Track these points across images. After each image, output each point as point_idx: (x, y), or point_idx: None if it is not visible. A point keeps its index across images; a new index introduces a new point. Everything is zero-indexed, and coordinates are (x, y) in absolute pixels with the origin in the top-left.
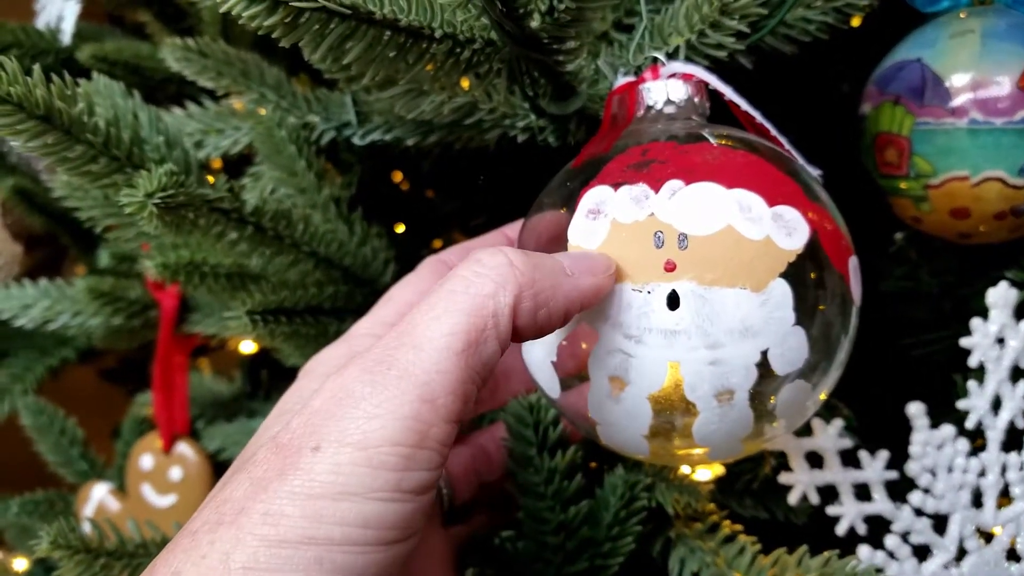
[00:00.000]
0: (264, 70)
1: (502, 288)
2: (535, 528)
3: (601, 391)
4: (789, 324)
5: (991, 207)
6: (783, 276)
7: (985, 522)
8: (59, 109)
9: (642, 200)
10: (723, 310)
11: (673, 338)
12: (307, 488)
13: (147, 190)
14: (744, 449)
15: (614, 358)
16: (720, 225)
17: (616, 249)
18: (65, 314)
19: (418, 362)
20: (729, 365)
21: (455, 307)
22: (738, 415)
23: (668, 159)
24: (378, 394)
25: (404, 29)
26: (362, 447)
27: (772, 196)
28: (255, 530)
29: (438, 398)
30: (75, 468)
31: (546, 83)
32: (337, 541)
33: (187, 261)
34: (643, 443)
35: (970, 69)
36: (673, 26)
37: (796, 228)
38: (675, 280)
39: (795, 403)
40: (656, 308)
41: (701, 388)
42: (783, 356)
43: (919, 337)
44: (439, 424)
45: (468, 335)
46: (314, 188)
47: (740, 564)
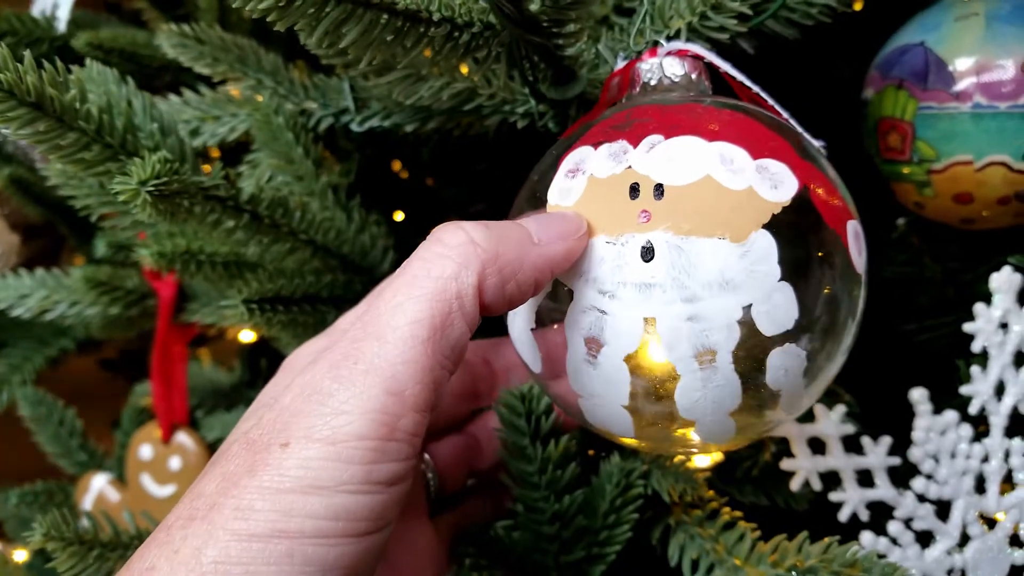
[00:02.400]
0: (261, 56)
1: (464, 268)
2: (530, 518)
3: (578, 355)
4: (774, 279)
5: (995, 192)
6: (767, 229)
7: (988, 508)
8: (51, 96)
9: (620, 155)
10: (700, 261)
11: (648, 291)
12: (276, 483)
13: (140, 178)
14: (736, 429)
15: (588, 316)
16: (699, 175)
17: (592, 204)
18: (62, 304)
19: (383, 354)
20: (708, 321)
21: (417, 293)
22: (723, 380)
23: (652, 118)
24: (345, 390)
25: (401, 12)
26: (330, 442)
27: (758, 150)
28: (226, 525)
29: (405, 389)
30: (74, 459)
31: (546, 68)
32: (308, 534)
33: (183, 249)
34: (625, 416)
35: (974, 53)
36: (674, 8)
37: (783, 181)
38: (650, 231)
39: (788, 373)
40: (630, 260)
41: (679, 347)
42: (769, 314)
43: (922, 323)
44: (408, 415)
45: (432, 321)
46: (312, 175)
47: (740, 551)
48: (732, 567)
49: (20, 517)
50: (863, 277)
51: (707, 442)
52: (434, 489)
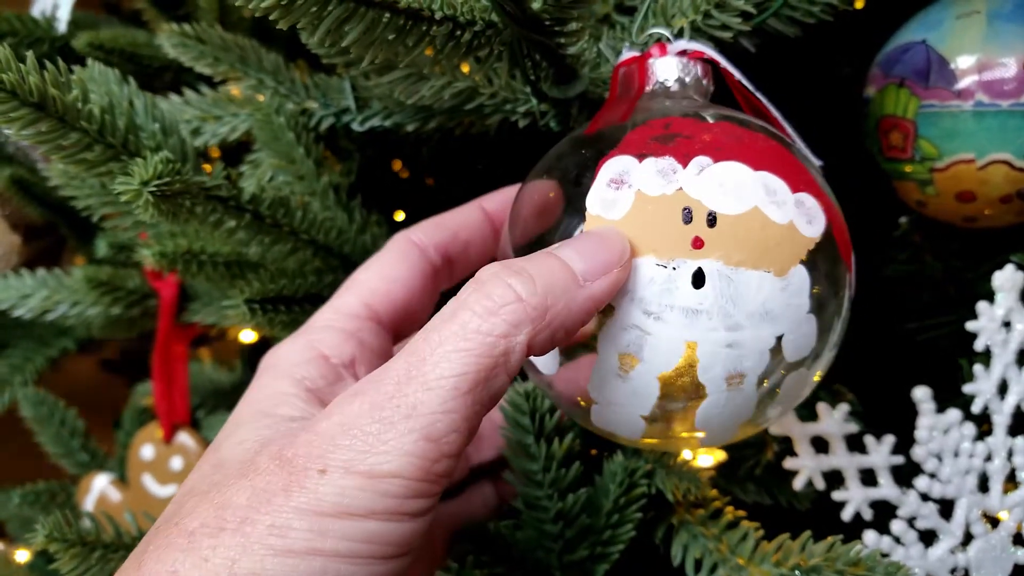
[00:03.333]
0: (262, 56)
1: (514, 327)
2: (533, 516)
3: (609, 368)
4: (804, 311)
5: (997, 190)
6: (804, 264)
7: (991, 507)
8: (53, 96)
9: (669, 174)
10: (747, 292)
11: (695, 317)
12: (313, 506)
13: (143, 178)
14: (737, 434)
15: (629, 334)
16: (748, 206)
17: (641, 222)
18: (63, 304)
19: (426, 401)
20: (745, 348)
21: (464, 346)
22: (744, 400)
23: (693, 134)
24: (386, 431)
25: (403, 11)
26: (368, 476)
27: (794, 182)
28: (262, 540)
29: (443, 436)
30: (76, 459)
31: (548, 67)
32: (342, 554)
33: (185, 250)
34: (639, 424)
35: (976, 51)
36: (677, 6)
37: (816, 216)
38: (702, 258)
39: (795, 389)
40: (680, 285)
41: (714, 370)
42: (795, 343)
43: (924, 321)
44: (442, 460)
45: (477, 376)
46: (313, 175)
47: (743, 550)
48: (735, 566)
49: (22, 517)
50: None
51: (707, 445)
52: None
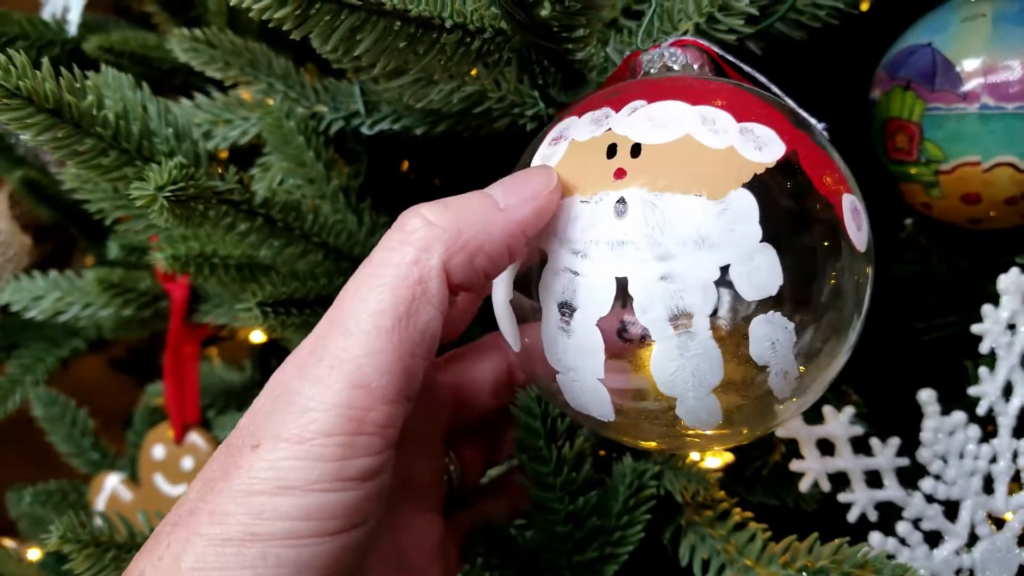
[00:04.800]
0: (272, 60)
1: (424, 251)
2: (544, 518)
3: (553, 323)
4: (755, 239)
5: (1002, 192)
6: (749, 188)
7: (996, 508)
8: (69, 102)
9: (602, 120)
10: (675, 218)
11: (620, 249)
12: (247, 485)
13: (158, 183)
14: (723, 412)
15: (561, 279)
16: (677, 135)
17: (570, 166)
18: (75, 305)
19: (348, 348)
20: (683, 281)
21: (378, 283)
22: (701, 348)
23: (639, 87)
24: (311, 387)
25: (414, 19)
26: (298, 441)
27: (744, 115)
28: (202, 530)
29: (371, 381)
30: (87, 458)
31: (556, 71)
32: (279, 536)
33: (197, 253)
34: (602, 393)
35: (981, 54)
36: (682, 11)
37: (768, 144)
38: (624, 188)
39: (776, 347)
40: (603, 218)
41: (653, 309)
42: (749, 276)
43: (929, 323)
44: (377, 407)
45: (396, 309)
46: (323, 178)
47: (751, 551)
48: (743, 567)
49: (33, 516)
50: (866, 257)
51: (693, 425)
52: (456, 485)
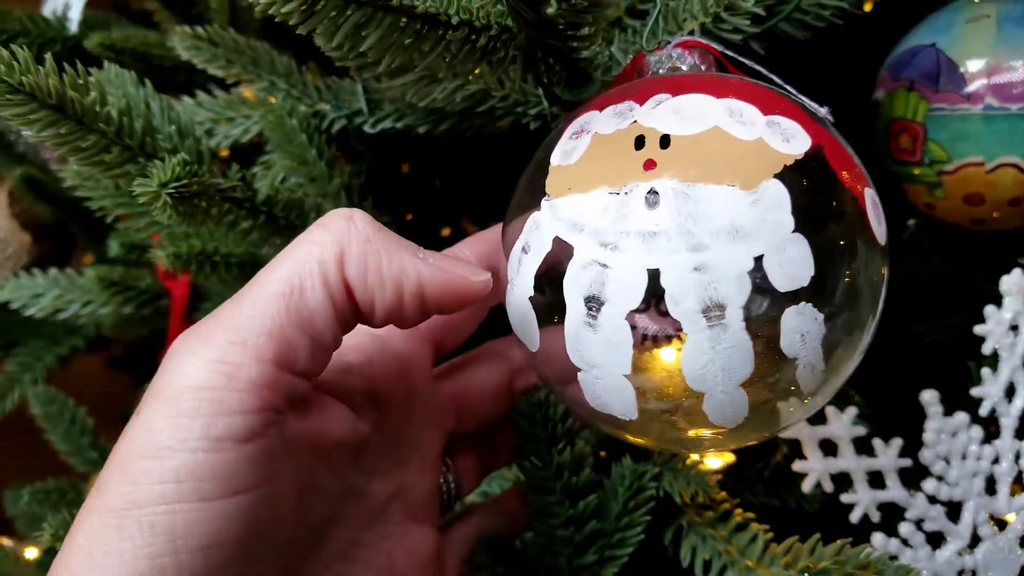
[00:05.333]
0: (274, 58)
1: (332, 238)
2: (544, 522)
3: (578, 318)
4: (787, 230)
5: (1006, 193)
6: (780, 179)
7: (999, 509)
8: (71, 98)
9: (625, 112)
10: (708, 208)
11: (652, 241)
12: (127, 453)
13: (161, 180)
14: (749, 408)
15: (589, 272)
16: (707, 126)
17: (594, 159)
18: (75, 303)
19: (236, 309)
20: (716, 271)
21: (284, 256)
22: (733, 341)
23: (659, 82)
24: (194, 346)
25: (420, 16)
26: (169, 398)
27: (768, 108)
28: (91, 504)
29: (248, 338)
30: (85, 457)
31: (561, 70)
32: (154, 501)
33: (199, 251)
34: (627, 390)
35: (985, 54)
36: (688, 10)
37: (795, 136)
38: (655, 178)
39: (806, 339)
40: (634, 208)
41: (686, 301)
42: (782, 267)
43: (931, 324)
44: (251, 364)
45: (290, 280)
46: (325, 177)
47: (752, 552)
48: (745, 568)
49: (31, 515)
50: (884, 252)
51: (718, 422)
52: (453, 495)
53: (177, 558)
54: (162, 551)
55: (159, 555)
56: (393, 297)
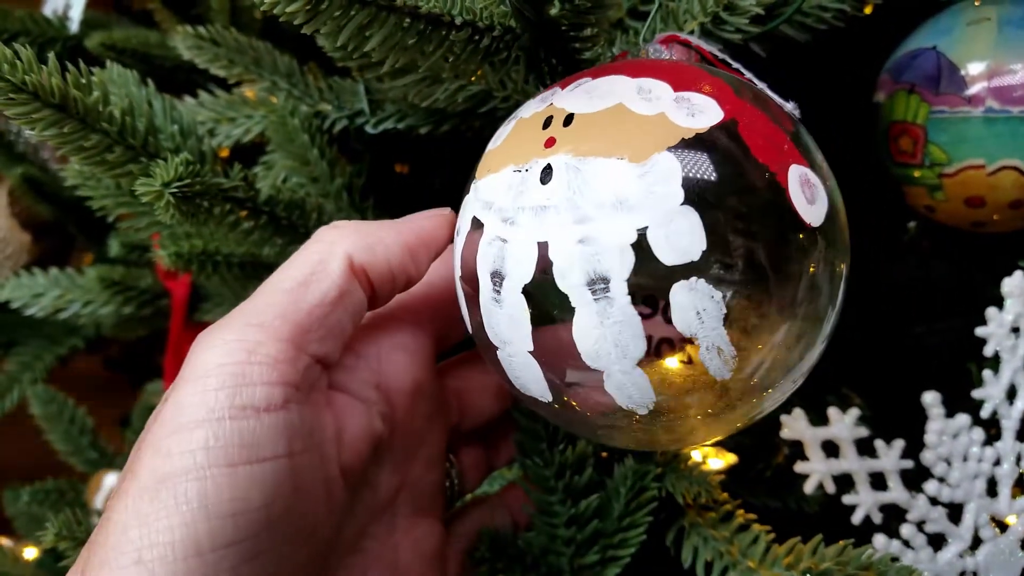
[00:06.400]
0: (276, 58)
1: (328, 240)
2: (546, 521)
3: (487, 294)
4: (676, 202)
5: (1006, 196)
6: (673, 152)
7: (1000, 511)
8: (75, 98)
9: (548, 97)
10: (595, 180)
11: (543, 214)
12: (158, 433)
13: (164, 179)
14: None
15: (493, 248)
16: (610, 104)
17: (511, 140)
18: (76, 303)
19: (250, 302)
20: (599, 244)
21: (295, 255)
22: (620, 315)
23: (593, 70)
24: (214, 335)
25: (424, 16)
26: (194, 377)
27: (683, 85)
28: (124, 486)
29: (265, 321)
30: (84, 457)
31: (563, 71)
32: (187, 469)
33: (200, 250)
34: (535, 369)
35: (986, 57)
36: (688, 11)
37: (704, 111)
38: (552, 155)
39: (702, 316)
40: (531, 184)
41: (572, 274)
42: (668, 239)
43: (931, 326)
44: (269, 342)
45: (295, 278)
46: (326, 177)
47: (754, 553)
48: (747, 569)
49: (30, 515)
50: (823, 235)
51: (626, 405)
52: (457, 491)
53: (209, 524)
54: (195, 518)
55: (192, 522)
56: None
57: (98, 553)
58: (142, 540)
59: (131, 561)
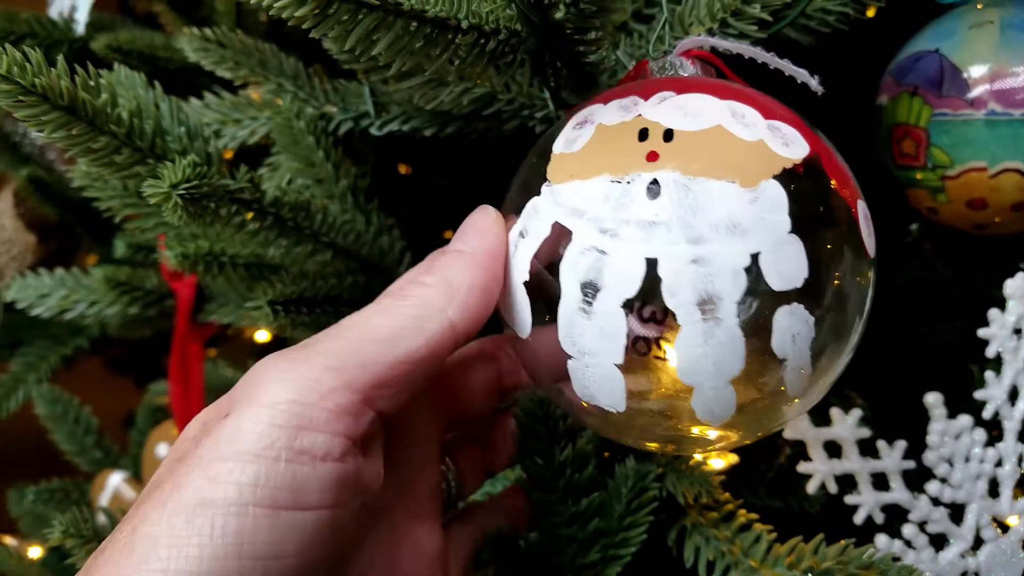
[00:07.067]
0: (282, 60)
1: (438, 304)
2: (547, 521)
3: (573, 304)
4: (784, 230)
5: (1008, 198)
6: (778, 180)
7: (1001, 512)
8: (83, 100)
9: (630, 106)
10: (708, 202)
11: (652, 230)
12: (211, 452)
13: (172, 181)
14: (737, 405)
15: (587, 258)
16: (710, 124)
17: (597, 148)
18: (82, 303)
19: (335, 342)
20: (713, 265)
21: (385, 308)
22: (726, 336)
23: (664, 82)
24: (289, 366)
25: (430, 20)
26: (261, 405)
27: (769, 113)
28: (162, 498)
29: (346, 368)
30: (90, 456)
31: (568, 74)
32: (230, 500)
33: (206, 251)
34: (617, 380)
35: (988, 60)
36: (694, 15)
37: (795, 142)
38: (657, 169)
39: (796, 340)
40: (635, 198)
41: (681, 292)
42: (777, 265)
43: (933, 328)
44: (343, 391)
45: (391, 330)
46: (332, 179)
47: (756, 553)
48: (748, 568)
49: (35, 514)
50: (873, 262)
51: (705, 418)
52: (454, 493)
53: (240, 563)
54: (228, 553)
55: (224, 557)
56: (489, 293)
57: (120, 562)
58: (169, 562)
59: None
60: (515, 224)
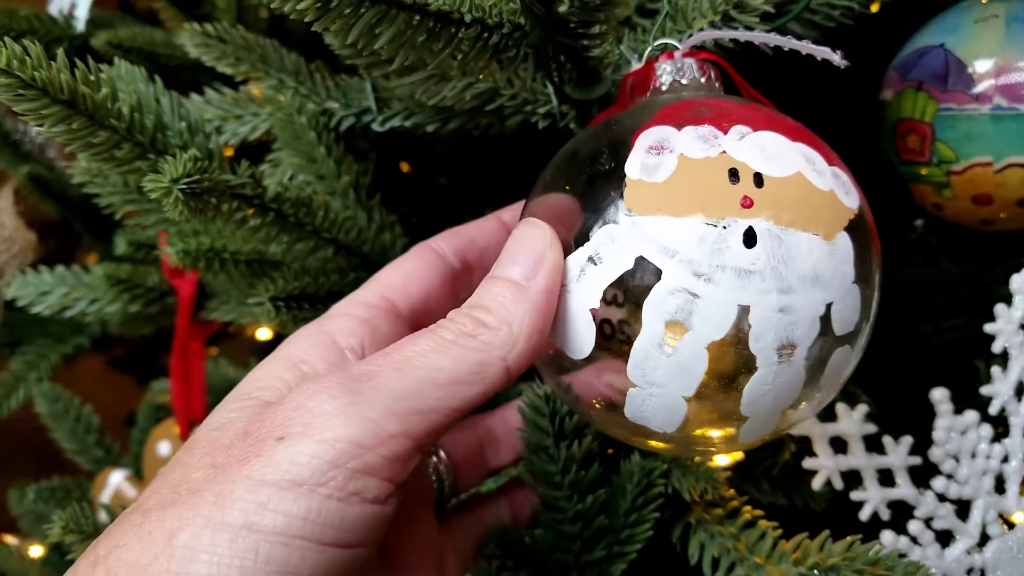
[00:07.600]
0: (283, 56)
1: (502, 351)
2: (552, 517)
3: (653, 340)
4: (850, 280)
5: (1013, 193)
6: (847, 232)
7: (1007, 508)
8: (83, 94)
9: (711, 139)
10: (797, 253)
11: (748, 278)
12: (260, 474)
13: (173, 176)
14: (775, 427)
15: (676, 299)
16: (792, 171)
17: (686, 183)
18: (82, 301)
19: (397, 382)
20: (798, 315)
21: (446, 351)
22: (792, 376)
23: (726, 109)
24: (353, 400)
25: (433, 13)
26: (322, 440)
27: (829, 158)
28: (204, 510)
29: (407, 416)
30: (91, 455)
31: (571, 69)
32: (277, 530)
33: (207, 248)
34: (680, 409)
35: (994, 55)
36: (697, 9)
37: (851, 191)
38: (752, 217)
39: (837, 372)
40: (732, 244)
41: (766, 338)
42: (842, 313)
43: (938, 324)
44: (401, 437)
45: (453, 375)
46: (333, 175)
47: (761, 549)
48: (753, 565)
49: (35, 513)
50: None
51: (746, 439)
52: (448, 487)
53: None
54: None
55: None
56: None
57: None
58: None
59: None
60: (580, 249)
